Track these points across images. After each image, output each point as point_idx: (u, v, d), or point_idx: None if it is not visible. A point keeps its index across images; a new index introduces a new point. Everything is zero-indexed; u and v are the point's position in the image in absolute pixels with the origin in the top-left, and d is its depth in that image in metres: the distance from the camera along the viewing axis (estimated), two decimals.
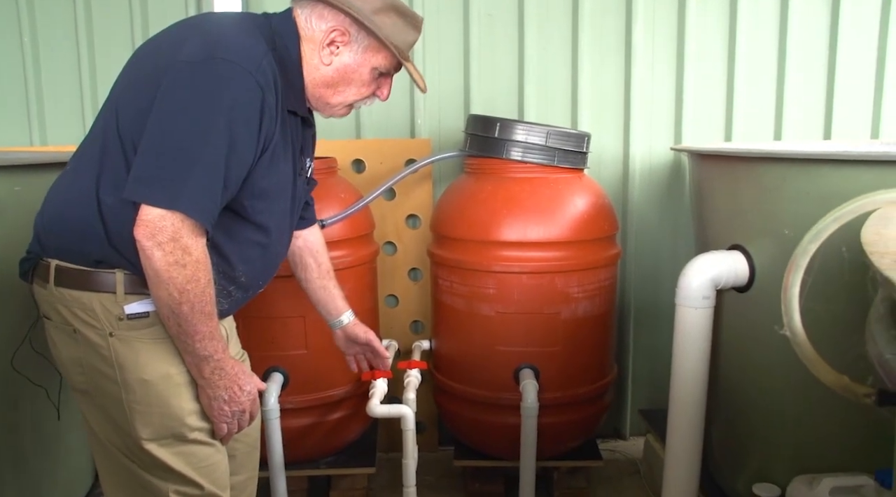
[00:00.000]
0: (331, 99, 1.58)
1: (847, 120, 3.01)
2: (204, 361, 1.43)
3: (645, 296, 3.05)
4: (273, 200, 1.54)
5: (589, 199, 2.41)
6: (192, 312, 1.36)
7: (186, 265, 1.33)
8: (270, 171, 1.48)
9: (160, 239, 1.31)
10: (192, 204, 1.32)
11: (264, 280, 1.66)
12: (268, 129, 1.42)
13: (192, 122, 1.33)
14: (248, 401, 1.54)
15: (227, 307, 1.58)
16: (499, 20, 2.87)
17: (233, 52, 1.38)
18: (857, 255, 1.14)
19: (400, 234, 2.88)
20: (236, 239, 1.51)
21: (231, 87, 1.35)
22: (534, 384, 2.29)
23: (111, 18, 2.84)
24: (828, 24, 2.96)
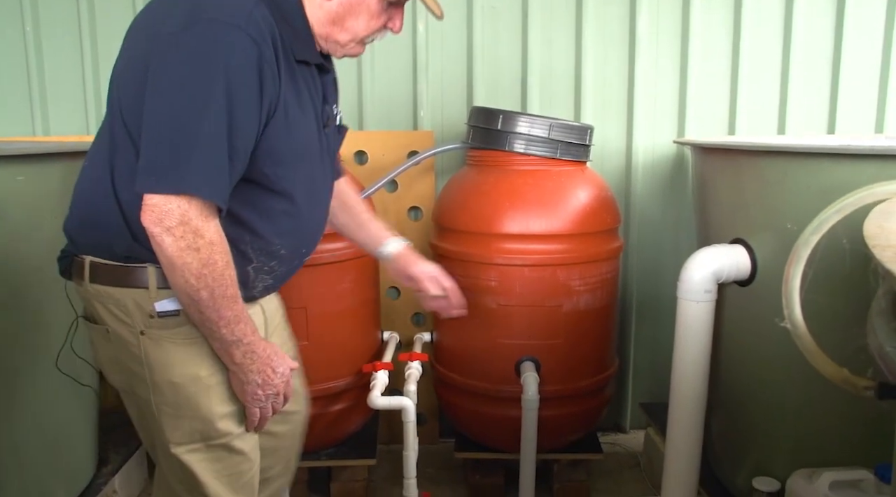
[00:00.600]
0: (339, 36, 1.45)
1: (851, 114, 3.01)
2: (233, 345, 1.37)
3: (647, 289, 3.05)
4: (297, 163, 1.43)
5: (591, 191, 2.41)
6: (212, 297, 1.29)
7: (199, 249, 1.26)
8: (289, 131, 1.38)
9: (168, 224, 1.23)
10: (198, 183, 1.24)
11: (308, 247, 1.58)
12: (271, 86, 1.31)
13: (185, 96, 1.23)
14: (282, 383, 1.48)
15: (273, 282, 1.52)
16: (502, 12, 2.86)
17: (217, 8, 1.26)
18: (858, 248, 1.13)
19: (402, 226, 2.88)
20: (266, 213, 1.42)
21: (221, 48, 1.24)
22: (535, 377, 2.29)
23: (114, 5, 2.83)
24: (833, 18, 2.94)
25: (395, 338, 2.73)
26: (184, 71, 1.24)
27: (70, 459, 2.26)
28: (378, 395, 2.28)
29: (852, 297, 1.52)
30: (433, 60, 2.86)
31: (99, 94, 2.85)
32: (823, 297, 1.44)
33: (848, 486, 1.75)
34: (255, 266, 1.45)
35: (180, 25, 1.25)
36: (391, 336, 2.73)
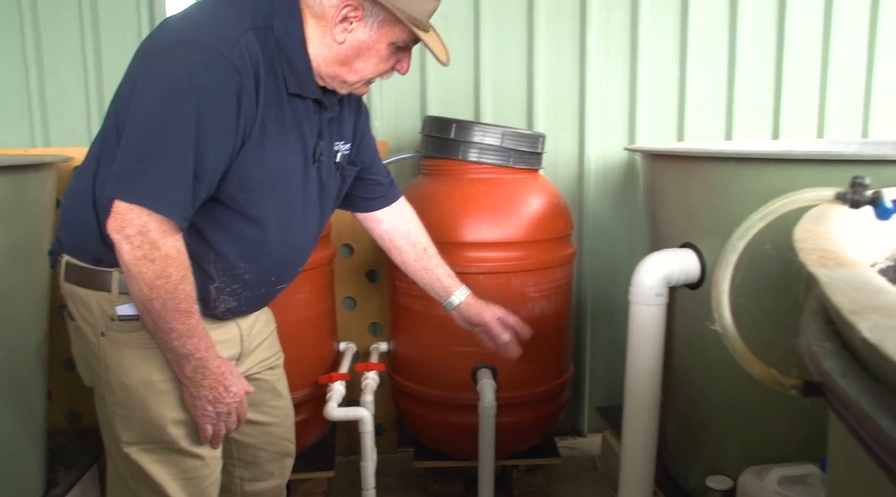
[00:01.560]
0: (347, 76, 1.48)
1: (794, 120, 3.10)
2: (184, 359, 1.39)
3: (601, 294, 3.09)
4: (270, 192, 1.45)
5: (544, 199, 2.44)
6: (163, 309, 1.32)
7: (155, 260, 1.29)
8: (262, 159, 1.40)
9: (128, 232, 1.28)
10: (155, 198, 1.27)
11: (279, 277, 1.59)
12: (248, 113, 1.34)
13: (158, 111, 1.28)
14: (234, 402, 1.48)
15: (237, 305, 1.53)
16: (454, 22, 2.88)
17: (205, 33, 1.32)
18: (781, 252, 1.18)
19: (357, 235, 2.87)
20: (233, 236, 1.45)
21: (200, 71, 1.28)
22: (491, 384, 2.30)
23: (118, 16, 2.77)
24: (775, 28, 3.03)
25: (352, 348, 2.72)
26: (163, 87, 1.29)
27: (15, 481, 2.20)
28: (335, 406, 2.27)
29: (777, 300, 1.58)
30: None
31: (101, 105, 2.78)
32: (751, 301, 1.50)
33: (796, 480, 1.80)
34: (218, 286, 1.47)
35: (170, 44, 1.32)
36: (348, 346, 2.72)
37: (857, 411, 0.57)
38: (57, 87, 2.80)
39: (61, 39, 2.77)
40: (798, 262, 0.73)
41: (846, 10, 3.04)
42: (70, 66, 2.78)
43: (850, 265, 0.69)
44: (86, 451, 2.54)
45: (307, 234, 1.61)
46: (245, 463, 1.75)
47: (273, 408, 1.76)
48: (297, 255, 1.61)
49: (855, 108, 3.13)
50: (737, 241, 0.85)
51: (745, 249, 0.87)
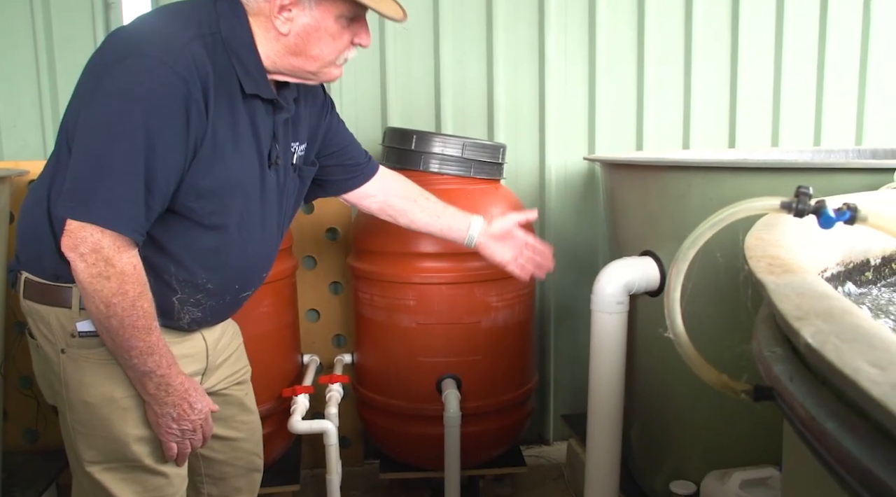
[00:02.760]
0: (308, 65, 1.43)
1: (749, 129, 3.16)
2: (146, 377, 1.37)
3: (564, 302, 3.11)
4: (228, 199, 1.41)
5: (506, 209, 2.45)
6: (121, 327, 1.30)
7: (110, 278, 1.27)
8: (214, 168, 1.36)
9: (81, 250, 1.26)
10: (106, 215, 1.26)
11: (242, 284, 1.55)
12: (197, 122, 1.31)
13: (105, 128, 1.26)
14: (199, 419, 1.46)
15: (202, 316, 1.50)
16: (415, 33, 2.89)
17: (149, 45, 1.29)
18: (730, 260, 1.21)
19: (319, 247, 2.86)
20: (192, 246, 1.42)
21: (145, 83, 1.25)
22: (456, 394, 2.31)
23: (73, 28, 2.72)
24: (729, 40, 3.10)
25: (316, 360, 2.70)
26: (109, 102, 1.27)
27: None
28: (298, 419, 2.26)
29: (726, 307, 1.62)
30: (346, 82, 2.86)
31: (56, 118, 2.72)
32: (701, 308, 1.53)
33: (757, 483, 1.83)
34: (181, 298, 1.45)
35: (114, 58, 1.29)
36: (311, 359, 2.71)
37: (804, 414, 0.59)
38: (10, 100, 2.74)
39: (14, 51, 2.71)
40: (747, 269, 0.75)
41: (798, 21, 3.12)
42: (23, 78, 2.73)
43: (797, 272, 0.71)
44: (43, 471, 2.48)
45: (269, 240, 1.58)
46: (213, 479, 1.73)
47: (241, 423, 1.74)
48: (260, 261, 1.58)
49: (807, 117, 3.21)
50: (687, 249, 0.87)
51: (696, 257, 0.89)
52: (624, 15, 3.02)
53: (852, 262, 1.28)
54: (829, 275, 1.21)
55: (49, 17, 2.71)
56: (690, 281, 0.92)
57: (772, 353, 0.68)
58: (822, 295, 0.64)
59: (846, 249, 1.25)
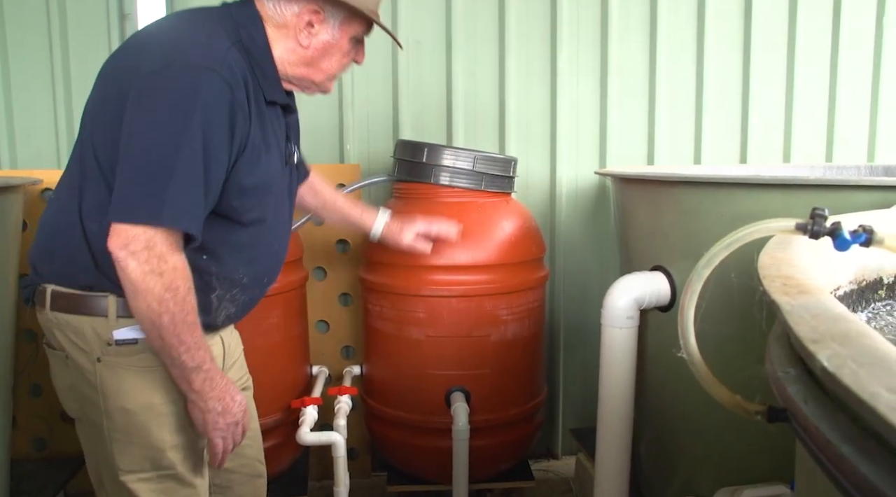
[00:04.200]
0: (315, 76, 1.54)
1: (761, 144, 3.16)
2: (193, 372, 1.39)
3: (573, 316, 3.10)
4: (263, 197, 1.50)
5: (516, 222, 2.46)
6: (173, 322, 1.33)
7: (164, 273, 1.30)
8: (255, 168, 1.44)
9: (134, 248, 1.28)
10: (175, 215, 1.30)
11: (270, 276, 1.63)
12: (242, 126, 1.38)
13: (162, 133, 1.30)
14: (241, 411, 1.49)
15: (235, 310, 1.56)
16: (427, 47, 2.91)
17: (193, 53, 1.34)
18: (745, 281, 1.20)
19: (330, 259, 2.87)
20: (232, 243, 1.48)
21: (197, 89, 1.31)
22: (465, 407, 2.30)
23: (88, 36, 2.75)
24: (741, 53, 3.10)
25: (325, 372, 2.70)
26: (162, 110, 1.30)
27: None
28: (307, 430, 2.25)
29: (741, 328, 1.61)
30: (359, 94, 2.88)
31: (71, 127, 2.75)
32: (716, 328, 1.52)
33: None
34: (219, 294, 1.50)
35: (157, 67, 1.32)
36: (320, 370, 2.71)
37: (819, 437, 0.59)
38: (25, 109, 2.77)
39: (30, 61, 2.74)
40: (761, 289, 0.75)
41: (810, 37, 3.12)
42: (39, 88, 2.76)
43: (811, 292, 0.70)
44: (51, 479, 2.49)
45: (287, 233, 1.68)
46: (220, 488, 1.75)
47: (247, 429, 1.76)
48: (283, 252, 1.67)
49: (819, 133, 3.20)
50: (702, 268, 0.87)
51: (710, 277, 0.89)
52: (635, 29, 3.03)
53: (865, 281, 1.27)
54: (842, 293, 1.20)
55: (65, 28, 2.74)
56: (704, 300, 0.92)
57: (785, 373, 0.68)
58: (838, 317, 0.63)
59: (859, 267, 1.24)
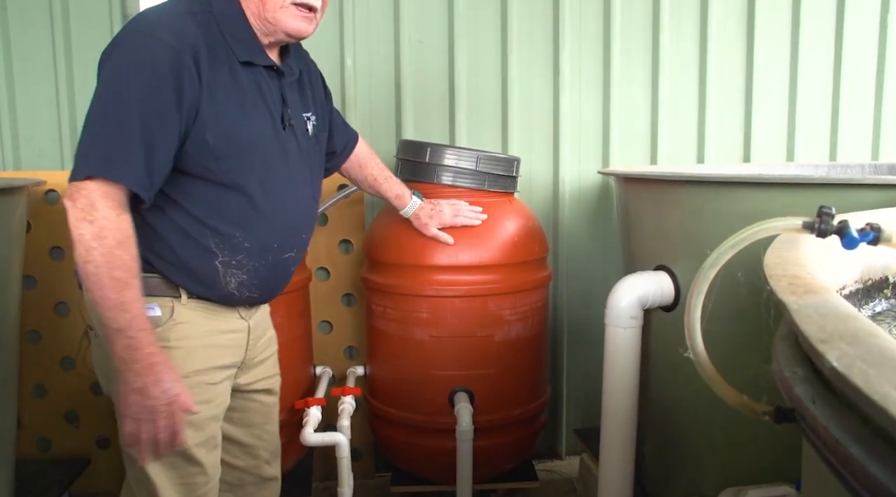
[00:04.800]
0: (262, 10, 1.52)
1: (764, 142, 3.15)
2: (116, 334, 1.36)
3: (577, 316, 3.10)
4: (243, 158, 1.50)
5: (519, 222, 2.45)
6: (97, 274, 1.33)
7: (94, 221, 1.33)
8: (222, 128, 1.46)
9: (74, 197, 1.34)
10: (102, 168, 1.34)
11: (282, 243, 1.61)
12: (190, 87, 1.41)
13: (104, 99, 1.38)
14: (163, 402, 1.38)
15: (247, 278, 1.57)
16: (429, 46, 2.91)
17: (142, 24, 1.44)
18: (752, 279, 1.19)
19: (333, 259, 2.87)
20: (218, 206, 1.50)
21: (137, 54, 1.39)
22: (468, 407, 2.30)
23: (91, 38, 2.75)
24: (744, 51, 3.10)
25: (328, 372, 2.70)
26: (107, 78, 1.40)
27: None
28: (311, 431, 2.25)
29: (748, 327, 1.61)
30: (361, 94, 2.88)
31: (74, 128, 2.74)
32: (722, 328, 1.51)
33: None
34: (222, 261, 1.53)
35: (113, 44, 1.44)
36: (324, 371, 2.71)
37: (828, 437, 0.58)
38: (28, 110, 2.77)
39: (33, 60, 2.74)
40: (768, 288, 0.74)
41: (813, 34, 3.11)
42: (42, 87, 2.75)
43: (819, 292, 0.70)
44: (56, 480, 2.49)
45: (302, 201, 1.66)
46: (230, 486, 1.76)
47: (265, 432, 1.80)
48: (296, 219, 1.65)
49: (822, 131, 3.19)
50: (708, 269, 0.87)
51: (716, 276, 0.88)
52: (638, 29, 3.02)
53: (871, 280, 1.27)
54: (848, 292, 1.20)
55: (68, 27, 2.74)
56: (711, 300, 0.92)
57: (792, 373, 0.68)
58: (846, 316, 0.63)
59: (865, 266, 1.24)
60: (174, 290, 1.53)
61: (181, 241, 1.50)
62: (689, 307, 0.88)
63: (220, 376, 1.61)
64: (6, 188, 2.08)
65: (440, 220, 2.24)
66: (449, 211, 2.26)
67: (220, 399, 1.62)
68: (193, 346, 1.55)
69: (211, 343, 1.58)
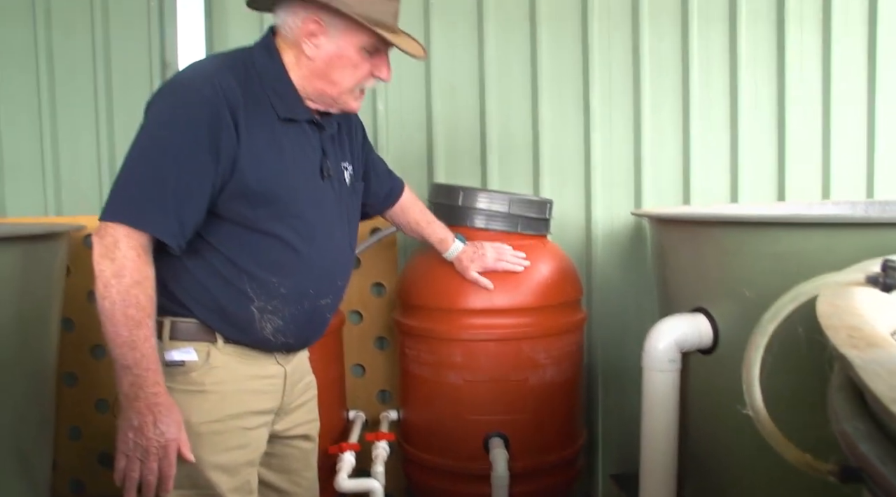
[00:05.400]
0: (329, 89, 1.58)
1: (799, 179, 3.10)
2: (123, 371, 1.39)
3: (611, 359, 3.05)
4: (279, 206, 1.53)
5: (553, 264, 2.44)
6: (113, 310, 1.37)
7: (115, 259, 1.37)
8: (260, 177, 1.49)
9: (101, 233, 1.39)
10: (130, 214, 1.39)
11: (318, 289, 1.63)
12: (228, 139, 1.44)
13: (139, 148, 1.43)
14: (156, 443, 1.40)
15: (283, 324, 1.58)
16: (460, 90, 2.93)
17: (181, 80, 1.51)
18: (813, 334, 1.16)
19: (365, 302, 2.87)
20: (256, 251, 1.53)
21: (174, 105, 1.45)
22: (503, 453, 2.26)
23: (132, 86, 2.84)
24: (776, 89, 3.07)
25: (361, 417, 2.69)
26: (147, 126, 1.45)
27: None
28: (345, 477, 2.23)
29: (810, 384, 1.56)
30: (393, 138, 2.91)
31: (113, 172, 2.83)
32: (783, 384, 1.48)
33: None
34: (258, 306, 1.54)
35: (155, 95, 1.50)
36: (357, 415, 2.69)
37: None
38: (70, 157, 2.85)
39: (76, 110, 2.84)
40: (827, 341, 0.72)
41: (846, 68, 3.08)
42: (83, 135, 2.83)
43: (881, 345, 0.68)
44: None
45: (337, 247, 1.68)
46: None
47: (303, 479, 1.80)
48: (331, 265, 1.66)
49: (859, 167, 3.14)
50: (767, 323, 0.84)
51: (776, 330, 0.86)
52: (668, 68, 3.02)
53: None
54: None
55: (110, 77, 2.83)
56: (770, 355, 0.89)
57: (855, 430, 0.65)
58: None
59: None
60: (210, 335, 1.54)
61: (218, 284, 1.52)
62: (748, 362, 0.86)
63: (256, 421, 1.61)
64: (49, 233, 2.12)
65: (482, 264, 2.25)
66: (492, 254, 2.26)
67: (255, 444, 1.62)
68: (229, 390, 1.55)
69: (247, 388, 1.58)
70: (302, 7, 1.53)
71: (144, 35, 2.84)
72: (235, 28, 2.83)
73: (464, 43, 2.93)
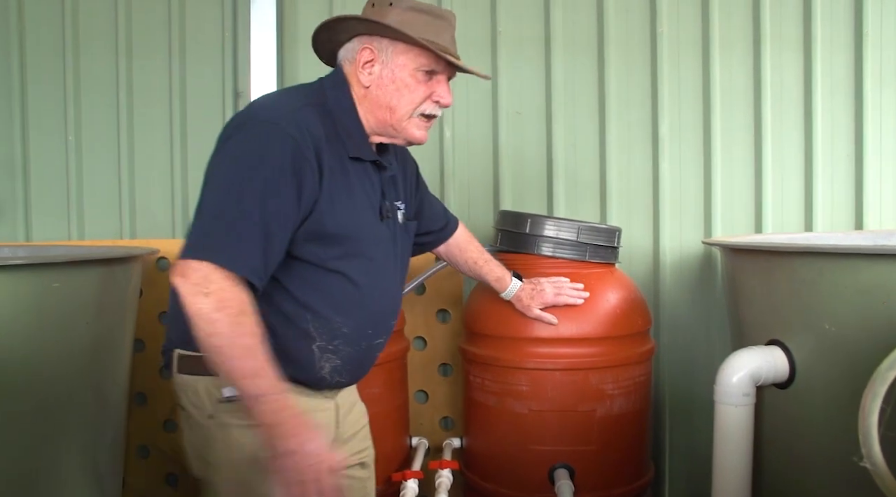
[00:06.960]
0: (388, 117, 1.58)
1: (877, 206, 2.99)
2: (255, 401, 1.33)
3: (679, 392, 2.97)
4: (350, 246, 1.54)
5: (621, 293, 2.39)
6: (228, 345, 1.32)
7: (210, 294, 1.32)
8: (335, 217, 1.49)
9: (187, 273, 1.34)
10: (223, 255, 1.34)
11: (375, 329, 1.63)
12: (310, 178, 1.44)
13: (226, 185, 1.40)
14: (317, 455, 1.33)
15: (341, 364, 1.57)
16: (527, 117, 2.93)
17: (263, 113, 1.47)
18: None
19: (430, 329, 2.86)
20: (323, 290, 1.52)
21: (262, 143, 1.41)
22: (569, 485, 2.21)
23: (205, 112, 2.95)
24: (852, 116, 2.98)
25: (424, 444, 2.67)
26: (230, 161, 1.43)
27: None
28: None
29: None
30: (460, 165, 2.92)
31: (133, 198, 2.96)
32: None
33: None
34: (319, 345, 1.53)
35: (234, 126, 1.48)
36: (420, 442, 2.67)
37: None
38: (145, 182, 2.95)
39: (151, 136, 2.96)
40: None
41: None
42: (157, 161, 2.94)
43: None
44: None
45: (393, 287, 1.69)
46: None
47: None
48: (387, 305, 1.67)
49: None
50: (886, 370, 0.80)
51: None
52: (739, 94, 2.96)
53: None
54: None
55: (185, 105, 2.93)
56: (889, 404, 0.84)
57: None
58: None
59: None
60: None
61: (281, 323, 1.50)
62: (865, 412, 0.81)
63: None
64: (125, 257, 2.18)
65: (542, 300, 2.21)
66: (550, 290, 2.22)
67: None
68: None
69: None
70: (356, 39, 1.56)
71: (219, 65, 2.94)
72: (306, 59, 2.89)
73: (531, 69, 2.94)
